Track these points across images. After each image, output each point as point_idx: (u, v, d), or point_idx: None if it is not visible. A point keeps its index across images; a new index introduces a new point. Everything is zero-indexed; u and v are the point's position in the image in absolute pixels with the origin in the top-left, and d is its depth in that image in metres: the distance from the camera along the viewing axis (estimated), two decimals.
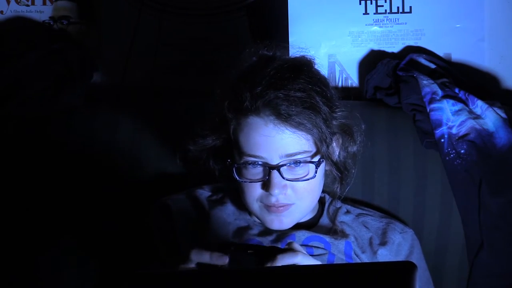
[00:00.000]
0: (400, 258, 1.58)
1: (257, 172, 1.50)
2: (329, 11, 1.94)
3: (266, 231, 1.56)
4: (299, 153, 1.48)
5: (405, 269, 1.07)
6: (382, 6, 1.94)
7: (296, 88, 1.48)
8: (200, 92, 1.96)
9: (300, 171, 1.49)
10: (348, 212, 1.64)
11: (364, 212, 1.65)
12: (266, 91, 1.46)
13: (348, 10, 1.94)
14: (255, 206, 1.52)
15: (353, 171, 1.60)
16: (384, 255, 1.58)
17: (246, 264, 1.29)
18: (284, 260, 1.30)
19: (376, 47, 1.95)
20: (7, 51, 1.88)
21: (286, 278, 1.09)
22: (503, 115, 1.77)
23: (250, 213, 1.59)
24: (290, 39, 1.93)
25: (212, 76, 1.98)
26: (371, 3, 1.95)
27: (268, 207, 1.51)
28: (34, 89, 1.81)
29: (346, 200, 1.65)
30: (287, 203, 1.50)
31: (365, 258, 1.55)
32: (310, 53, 1.58)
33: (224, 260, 1.28)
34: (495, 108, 1.77)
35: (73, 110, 1.82)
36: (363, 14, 1.95)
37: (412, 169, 1.75)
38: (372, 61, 1.91)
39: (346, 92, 1.66)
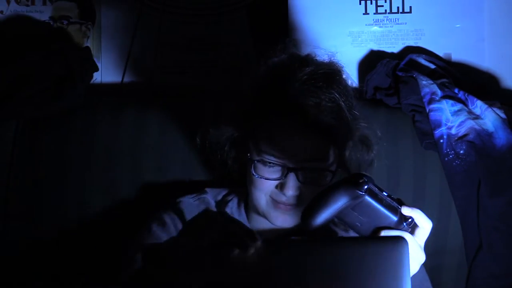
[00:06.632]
0: None
1: (274, 170, 1.51)
2: (329, 11, 1.94)
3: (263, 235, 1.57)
4: (319, 159, 1.50)
5: (397, 242, 1.12)
6: (382, 6, 1.94)
7: (327, 99, 1.49)
8: (200, 92, 1.97)
9: (316, 175, 1.51)
10: None
11: None
12: (297, 95, 1.48)
13: (348, 10, 1.94)
14: (262, 200, 1.53)
15: None
16: None
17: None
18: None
19: (376, 47, 1.95)
20: (7, 51, 1.88)
21: (278, 250, 1.14)
22: (503, 115, 1.76)
23: (248, 216, 1.62)
24: None
25: (212, 76, 2.00)
26: (371, 3, 1.95)
27: (276, 204, 1.52)
28: (34, 89, 1.81)
29: None
30: (297, 203, 1.52)
31: None
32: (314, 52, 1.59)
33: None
34: (494, 109, 1.77)
35: (73, 111, 1.82)
36: (363, 14, 1.95)
37: (411, 170, 1.75)
38: (372, 61, 1.91)
39: None
